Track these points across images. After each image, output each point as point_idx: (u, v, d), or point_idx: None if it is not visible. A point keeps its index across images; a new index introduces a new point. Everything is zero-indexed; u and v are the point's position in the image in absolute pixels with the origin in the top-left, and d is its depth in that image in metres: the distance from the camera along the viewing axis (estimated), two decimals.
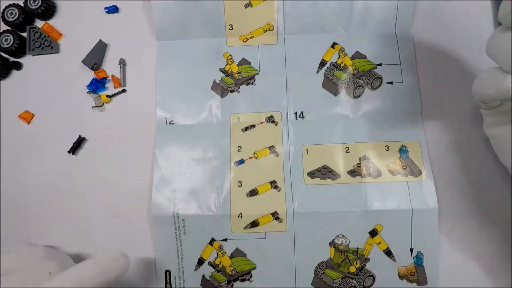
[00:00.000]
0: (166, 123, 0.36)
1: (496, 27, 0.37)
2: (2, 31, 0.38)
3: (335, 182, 0.34)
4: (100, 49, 0.39)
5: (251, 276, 0.34)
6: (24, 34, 0.39)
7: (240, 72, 0.37)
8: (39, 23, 0.40)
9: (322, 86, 0.37)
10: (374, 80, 0.36)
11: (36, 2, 0.39)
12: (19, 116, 0.38)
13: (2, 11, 0.39)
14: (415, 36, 0.37)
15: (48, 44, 0.39)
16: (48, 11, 0.39)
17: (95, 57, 0.38)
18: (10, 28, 0.39)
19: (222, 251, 0.34)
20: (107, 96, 0.37)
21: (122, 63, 0.38)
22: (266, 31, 0.38)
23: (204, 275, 0.34)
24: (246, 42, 0.38)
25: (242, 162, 0.35)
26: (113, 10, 0.39)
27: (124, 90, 0.38)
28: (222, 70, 0.37)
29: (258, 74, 0.37)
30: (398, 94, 0.36)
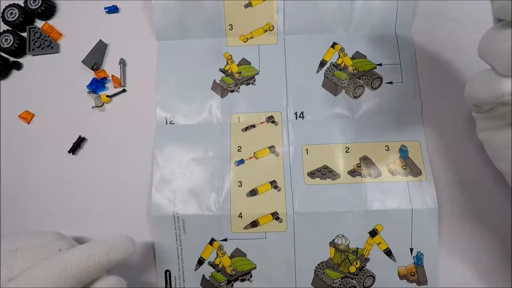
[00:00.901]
0: (166, 123, 0.36)
1: None
2: (2, 31, 0.38)
3: (335, 182, 0.34)
4: (100, 49, 0.38)
5: (251, 276, 0.34)
6: (24, 34, 0.39)
7: (240, 72, 0.37)
8: (39, 23, 0.40)
9: (322, 86, 0.37)
10: (374, 80, 0.36)
11: (36, 2, 0.39)
12: (19, 116, 0.38)
13: (2, 11, 0.39)
14: (415, 36, 0.37)
15: (48, 44, 0.39)
16: (48, 11, 0.39)
17: (95, 57, 0.38)
18: (10, 28, 0.39)
19: (222, 251, 0.34)
20: (107, 96, 0.37)
21: (122, 63, 0.38)
22: (266, 31, 0.38)
23: (204, 275, 0.34)
24: (246, 42, 0.38)
25: (242, 162, 0.35)
26: (113, 10, 0.39)
27: (124, 90, 0.38)
28: (222, 70, 0.37)
29: (258, 74, 0.37)
30: (398, 94, 0.36)
